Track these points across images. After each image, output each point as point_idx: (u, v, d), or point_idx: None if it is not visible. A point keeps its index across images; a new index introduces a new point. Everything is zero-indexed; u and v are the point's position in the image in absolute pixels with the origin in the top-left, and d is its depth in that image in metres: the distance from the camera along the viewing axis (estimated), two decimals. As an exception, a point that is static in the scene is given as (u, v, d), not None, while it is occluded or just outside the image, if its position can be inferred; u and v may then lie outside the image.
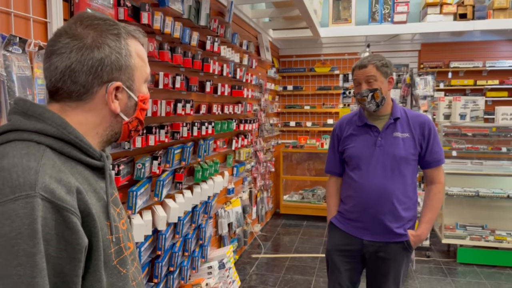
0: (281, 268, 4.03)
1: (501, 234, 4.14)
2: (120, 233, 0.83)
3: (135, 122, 0.87)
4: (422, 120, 1.99)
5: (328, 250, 2.11)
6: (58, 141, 0.75)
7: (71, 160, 0.77)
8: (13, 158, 0.68)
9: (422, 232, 1.98)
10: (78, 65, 0.78)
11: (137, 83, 0.85)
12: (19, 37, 1.32)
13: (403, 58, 5.91)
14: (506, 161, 4.49)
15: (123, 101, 0.84)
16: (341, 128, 2.10)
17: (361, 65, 1.94)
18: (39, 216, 0.64)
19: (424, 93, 3.86)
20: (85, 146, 0.79)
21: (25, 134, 0.73)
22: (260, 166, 5.02)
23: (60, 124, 0.76)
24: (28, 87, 1.35)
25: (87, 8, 1.65)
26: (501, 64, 5.52)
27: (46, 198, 0.66)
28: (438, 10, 5.18)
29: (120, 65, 0.81)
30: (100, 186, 0.81)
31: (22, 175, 0.66)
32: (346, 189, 2.07)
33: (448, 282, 3.69)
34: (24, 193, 0.64)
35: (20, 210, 0.63)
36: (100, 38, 0.79)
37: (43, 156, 0.71)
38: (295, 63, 6.33)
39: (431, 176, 2.03)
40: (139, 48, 0.86)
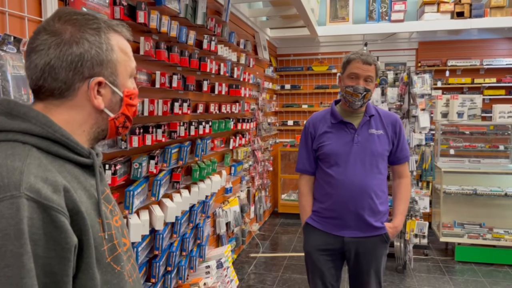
0: (279, 267, 4.03)
1: (498, 232, 4.15)
2: (113, 230, 0.82)
3: (121, 118, 0.86)
4: (393, 118, 2.06)
5: (308, 251, 2.08)
6: (44, 140, 0.75)
7: (58, 159, 0.76)
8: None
9: (398, 223, 2.07)
10: (57, 62, 0.77)
11: (121, 78, 0.84)
12: (14, 36, 1.31)
13: (400, 57, 5.92)
14: (504, 159, 4.50)
15: (107, 97, 0.82)
16: (315, 125, 2.07)
17: (367, 61, 1.93)
18: (25, 217, 0.64)
19: (422, 91, 3.86)
20: (72, 144, 0.78)
21: (10, 135, 0.72)
22: (258, 165, 5.01)
23: (45, 123, 0.75)
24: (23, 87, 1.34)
25: (83, 7, 1.64)
26: (498, 62, 5.53)
27: (32, 198, 0.65)
28: (435, 9, 5.18)
29: (101, 60, 0.79)
30: (91, 184, 0.81)
31: (6, 176, 0.65)
32: (322, 187, 2.04)
33: (446, 280, 3.69)
34: (9, 194, 0.64)
35: (5, 211, 0.63)
36: (78, 33, 0.78)
37: (28, 156, 0.70)
38: (292, 62, 6.33)
39: (400, 171, 2.12)
40: (122, 42, 0.84)
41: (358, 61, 1.94)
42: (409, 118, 3.87)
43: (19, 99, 1.31)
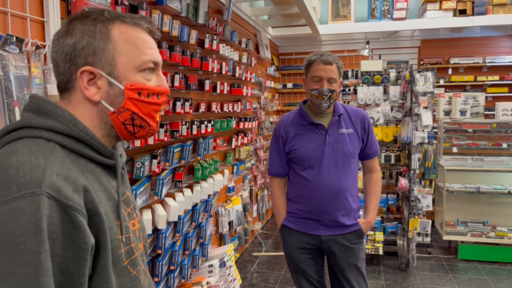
0: (282, 266, 4.03)
1: (502, 230, 4.13)
2: (130, 233, 0.81)
3: (126, 114, 0.80)
4: (362, 115, 2.07)
5: (288, 252, 2.09)
6: (68, 138, 0.74)
7: (81, 158, 0.76)
8: (22, 155, 0.67)
9: (371, 218, 2.10)
10: (57, 55, 0.78)
11: (122, 69, 0.78)
12: (16, 36, 1.31)
13: (402, 55, 5.90)
14: (507, 157, 4.49)
15: (104, 89, 0.78)
16: (285, 129, 2.06)
17: (327, 61, 1.91)
18: (45, 215, 0.63)
19: (424, 89, 3.85)
20: (95, 143, 0.77)
21: (35, 131, 0.73)
22: (260, 164, 5.01)
23: (70, 121, 0.76)
24: (25, 87, 1.34)
25: (84, 7, 1.64)
26: (501, 60, 5.50)
27: (52, 196, 0.65)
28: (437, 6, 5.16)
29: (94, 49, 0.77)
30: (112, 185, 0.80)
31: (29, 173, 0.65)
32: (297, 189, 2.04)
33: (449, 279, 3.68)
34: (30, 191, 0.63)
35: (26, 208, 0.63)
36: (72, 24, 0.78)
37: (52, 154, 0.70)
38: (294, 61, 6.32)
39: (371, 166, 2.15)
40: (130, 33, 0.79)
41: (318, 62, 1.93)
42: (411, 116, 3.85)
43: (22, 99, 1.32)
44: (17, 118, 1.29)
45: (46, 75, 1.48)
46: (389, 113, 4.08)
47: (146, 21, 0.83)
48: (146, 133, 0.84)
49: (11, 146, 0.71)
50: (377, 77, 4.14)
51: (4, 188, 0.64)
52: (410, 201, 3.87)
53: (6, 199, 0.63)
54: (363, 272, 2.07)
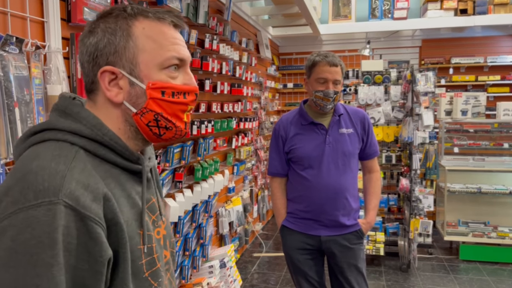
0: (282, 267, 4.02)
1: (503, 230, 4.12)
2: (153, 243, 0.77)
3: (149, 115, 0.75)
4: (361, 115, 2.07)
5: (288, 253, 2.08)
6: (93, 142, 0.72)
7: (106, 163, 0.73)
8: (43, 160, 0.65)
9: (371, 219, 2.09)
10: (82, 56, 0.76)
11: (144, 67, 0.74)
12: (16, 37, 1.31)
13: (403, 55, 5.89)
14: (508, 157, 4.47)
15: (126, 89, 0.75)
16: (285, 128, 2.05)
17: (333, 63, 1.90)
18: (61, 225, 0.60)
19: (425, 89, 3.84)
20: (120, 148, 0.74)
21: (59, 134, 0.70)
22: (260, 165, 5.00)
23: (95, 124, 0.73)
24: (25, 87, 1.34)
25: (84, 7, 1.64)
26: (503, 60, 5.49)
27: (70, 205, 0.62)
28: (438, 6, 5.15)
29: (114, 48, 0.73)
30: (137, 191, 0.76)
31: (47, 179, 0.62)
32: (296, 189, 2.03)
33: (450, 279, 3.68)
34: (47, 199, 0.61)
35: (41, 217, 0.60)
36: (95, 23, 0.75)
37: (74, 158, 0.67)
38: (295, 61, 6.31)
39: (370, 166, 2.14)
40: (152, 29, 0.75)
41: (324, 64, 1.90)
42: (412, 116, 3.84)
43: (21, 99, 1.31)
44: (17, 118, 1.28)
45: (46, 75, 1.47)
46: (390, 113, 4.07)
47: (171, 15, 0.78)
48: (173, 134, 0.79)
49: (35, 149, 0.68)
50: (378, 77, 4.13)
51: (22, 195, 0.61)
52: (411, 201, 3.86)
53: (22, 206, 0.60)
54: (363, 272, 2.06)
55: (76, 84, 1.63)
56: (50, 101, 1.46)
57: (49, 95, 1.46)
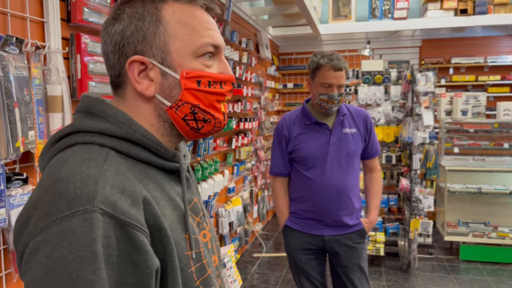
0: (282, 267, 4.02)
1: (503, 230, 4.12)
2: (201, 247, 0.70)
3: (185, 108, 0.68)
4: (364, 115, 2.07)
5: (290, 254, 2.08)
6: (124, 142, 0.65)
7: (139, 163, 0.66)
8: (72, 165, 0.58)
9: (374, 218, 2.11)
10: (107, 46, 0.68)
11: (177, 55, 0.66)
12: (16, 37, 1.30)
13: (403, 55, 5.89)
14: (508, 157, 4.47)
15: (157, 81, 0.67)
16: (288, 128, 2.03)
17: (338, 67, 1.88)
18: (99, 235, 0.53)
19: (425, 89, 3.84)
20: (154, 145, 0.67)
21: (87, 136, 0.64)
22: (260, 165, 5.00)
23: (124, 122, 0.65)
24: (25, 88, 1.33)
25: (84, 8, 1.63)
26: (503, 60, 5.49)
27: (107, 212, 0.55)
28: (438, 6, 5.15)
29: (143, 35, 0.66)
30: (176, 192, 0.69)
31: (79, 186, 0.55)
32: (300, 189, 2.03)
33: (450, 279, 3.67)
34: (82, 208, 0.54)
35: (77, 228, 0.53)
36: (120, 9, 0.67)
37: (106, 161, 0.60)
38: (295, 61, 6.31)
39: (372, 165, 2.15)
40: (183, 12, 0.67)
41: (329, 68, 1.87)
42: (412, 116, 3.84)
43: (21, 99, 1.31)
44: (17, 118, 1.28)
45: (46, 75, 1.47)
46: (390, 113, 4.07)
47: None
48: (212, 127, 0.71)
49: (62, 155, 0.62)
50: (378, 77, 4.13)
51: (53, 206, 0.55)
52: (411, 201, 3.86)
53: (55, 219, 0.54)
54: (365, 272, 2.07)
55: (76, 85, 1.63)
56: (50, 101, 1.46)
57: (49, 95, 1.46)
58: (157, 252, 0.60)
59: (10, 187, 1.30)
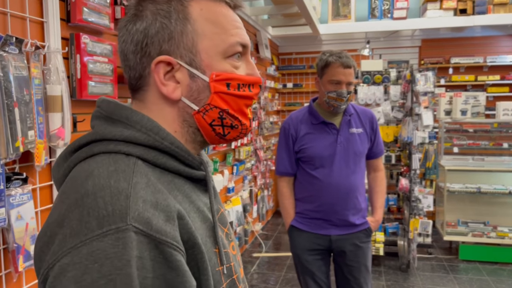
0: (282, 267, 4.02)
1: (503, 230, 4.13)
2: (231, 261, 0.65)
3: (213, 112, 0.63)
4: (370, 115, 2.08)
5: (296, 254, 2.07)
6: (151, 150, 0.59)
7: (167, 173, 0.61)
8: (98, 178, 0.53)
9: (379, 217, 2.12)
10: (126, 45, 0.63)
11: (206, 56, 0.62)
12: (16, 37, 1.30)
13: (403, 54, 5.89)
14: (508, 157, 4.48)
15: (184, 83, 0.62)
16: (295, 127, 2.02)
17: (347, 65, 1.88)
18: (134, 256, 0.48)
19: (425, 89, 3.84)
20: (183, 153, 0.62)
21: (111, 145, 0.58)
22: (260, 165, 5.00)
23: (151, 128, 0.60)
24: (25, 88, 1.33)
25: (84, 8, 1.63)
26: (502, 60, 5.49)
27: (141, 231, 0.50)
28: (438, 6, 5.15)
29: (169, 33, 0.61)
30: (204, 202, 0.64)
31: (110, 202, 0.50)
32: (306, 189, 2.02)
33: (450, 279, 3.68)
34: (114, 227, 0.49)
35: (109, 249, 0.48)
36: (142, 5, 0.62)
37: (134, 173, 0.55)
38: (294, 61, 6.31)
39: (376, 165, 2.17)
40: (211, 10, 0.63)
41: (338, 65, 1.88)
42: (412, 116, 3.85)
43: (21, 99, 1.31)
44: (16, 118, 1.28)
45: (45, 75, 1.47)
46: (389, 113, 4.08)
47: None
48: (238, 134, 0.67)
49: (84, 166, 0.57)
50: (378, 76, 4.14)
51: (83, 224, 0.49)
52: (411, 201, 3.86)
53: (85, 239, 0.48)
54: (370, 271, 2.08)
55: (76, 84, 1.63)
56: (50, 101, 1.46)
57: (48, 95, 1.46)
58: (192, 270, 0.56)
59: (9, 187, 1.30)
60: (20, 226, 1.33)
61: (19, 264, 1.32)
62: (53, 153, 1.54)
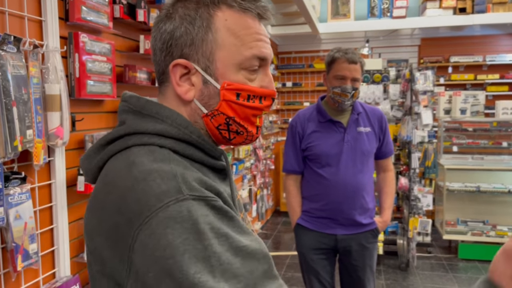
0: (281, 266, 4.02)
1: (502, 229, 4.13)
2: None
3: (220, 118, 0.68)
4: (379, 114, 2.05)
5: (302, 253, 2.06)
6: (180, 142, 0.65)
7: (194, 163, 0.66)
8: (142, 165, 0.58)
9: (387, 217, 2.10)
10: (155, 42, 0.69)
11: (221, 65, 0.67)
12: (14, 36, 1.30)
13: (402, 53, 5.89)
14: (507, 155, 4.48)
15: (198, 87, 0.68)
16: (302, 125, 2.02)
17: (352, 60, 1.87)
18: (200, 215, 0.55)
19: (424, 88, 3.84)
20: (208, 146, 0.68)
21: (145, 138, 0.64)
22: (259, 164, 5.00)
23: (181, 123, 0.66)
24: (23, 86, 1.33)
25: (82, 6, 1.63)
26: (501, 58, 5.50)
27: (198, 196, 0.56)
28: (437, 5, 5.15)
29: (191, 39, 0.66)
30: (224, 189, 0.69)
31: (162, 182, 0.56)
32: (313, 188, 2.01)
33: (449, 278, 3.68)
34: (174, 198, 0.54)
35: (177, 215, 0.53)
36: (174, 7, 0.68)
37: (171, 160, 0.61)
38: (294, 60, 6.31)
39: (385, 165, 2.14)
40: (234, 22, 0.67)
41: (343, 60, 1.87)
42: (411, 115, 3.85)
43: (19, 98, 1.31)
44: (15, 117, 1.27)
45: (44, 74, 1.46)
46: (389, 112, 4.07)
47: (258, 5, 0.69)
48: (243, 139, 0.72)
49: (122, 157, 0.62)
50: (377, 75, 4.13)
51: (143, 204, 0.54)
52: (410, 200, 3.86)
53: (150, 214, 0.53)
54: (374, 272, 2.08)
55: (75, 83, 1.62)
56: (48, 100, 1.46)
57: (47, 94, 1.46)
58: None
59: (8, 186, 1.30)
60: (19, 225, 1.32)
61: (18, 263, 1.32)
62: (51, 152, 1.53)
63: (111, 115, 1.95)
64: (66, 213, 1.59)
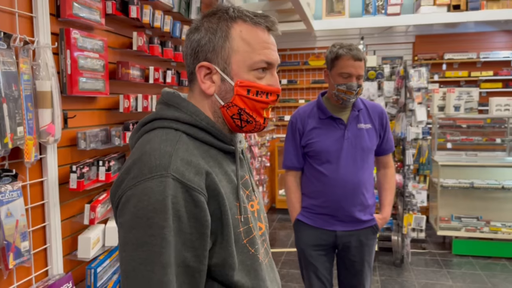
0: (277, 263, 4.03)
1: (496, 225, 4.16)
2: (248, 214, 0.88)
3: (234, 109, 0.86)
4: (380, 110, 2.04)
5: (301, 248, 2.06)
6: (192, 127, 0.84)
7: (204, 145, 0.85)
8: (153, 143, 0.79)
9: (387, 214, 2.10)
10: (187, 49, 0.89)
11: (236, 67, 0.85)
12: (4, 32, 1.29)
13: (397, 50, 5.91)
14: (501, 152, 4.51)
15: (217, 84, 0.86)
16: (302, 121, 2.01)
17: (358, 57, 1.85)
18: (170, 194, 0.73)
19: (418, 85, 3.85)
20: (216, 131, 0.86)
21: (165, 122, 0.84)
22: (255, 161, 5.00)
23: (194, 112, 0.85)
24: (13, 83, 1.32)
25: (74, 3, 1.62)
26: (495, 55, 5.52)
27: (177, 178, 0.74)
28: (431, 2, 5.16)
29: (213, 46, 0.85)
30: (232, 169, 0.88)
31: (158, 158, 0.75)
32: (313, 184, 2.01)
33: (443, 274, 3.70)
34: (159, 173, 0.74)
35: (155, 187, 0.73)
36: (201, 21, 0.87)
37: (178, 141, 0.80)
38: (289, 57, 6.30)
39: (386, 162, 2.14)
40: (248, 33, 0.85)
41: (348, 58, 1.84)
42: (405, 112, 3.86)
43: (10, 95, 1.29)
44: (5, 114, 1.26)
45: (34, 71, 1.45)
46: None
47: (267, 20, 0.87)
48: (253, 128, 0.90)
49: (147, 136, 0.83)
50: (372, 72, 4.14)
51: (139, 171, 0.75)
52: (405, 196, 3.88)
53: (140, 179, 0.74)
54: (371, 268, 2.08)
55: (66, 80, 1.61)
56: (39, 97, 1.45)
57: (37, 91, 1.45)
58: (215, 211, 0.79)
59: (-1, 184, 1.28)
60: (10, 223, 1.31)
61: (9, 261, 1.31)
62: (43, 149, 1.52)
63: (104, 112, 1.94)
64: (59, 210, 1.58)
